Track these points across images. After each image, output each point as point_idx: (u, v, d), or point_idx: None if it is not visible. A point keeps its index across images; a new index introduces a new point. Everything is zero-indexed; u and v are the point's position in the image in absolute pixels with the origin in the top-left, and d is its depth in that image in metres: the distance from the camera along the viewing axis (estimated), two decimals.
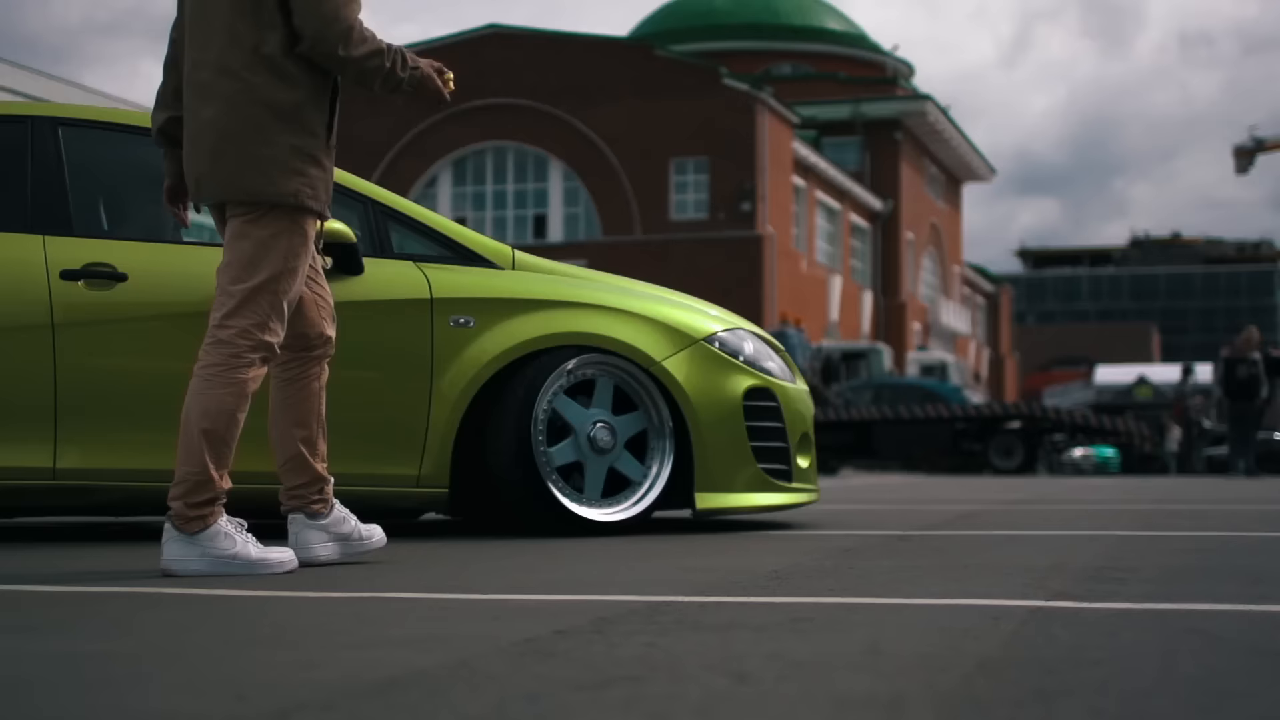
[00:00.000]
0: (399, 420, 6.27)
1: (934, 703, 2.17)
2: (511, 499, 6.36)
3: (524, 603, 3.70)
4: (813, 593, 3.84)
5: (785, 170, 51.71)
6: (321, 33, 4.55)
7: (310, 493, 4.87)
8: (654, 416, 6.53)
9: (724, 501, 6.60)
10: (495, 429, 6.31)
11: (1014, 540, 5.95)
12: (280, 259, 4.59)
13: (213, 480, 4.49)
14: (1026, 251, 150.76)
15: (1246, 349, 24.50)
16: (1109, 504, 9.99)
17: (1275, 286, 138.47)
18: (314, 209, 4.66)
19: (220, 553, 4.47)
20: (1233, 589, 3.85)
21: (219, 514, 4.52)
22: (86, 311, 5.86)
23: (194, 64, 4.68)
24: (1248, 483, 19.32)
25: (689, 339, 6.61)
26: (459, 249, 6.56)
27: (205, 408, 4.50)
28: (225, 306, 4.58)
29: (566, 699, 2.23)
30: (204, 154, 4.63)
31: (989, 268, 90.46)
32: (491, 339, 6.34)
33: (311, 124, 4.65)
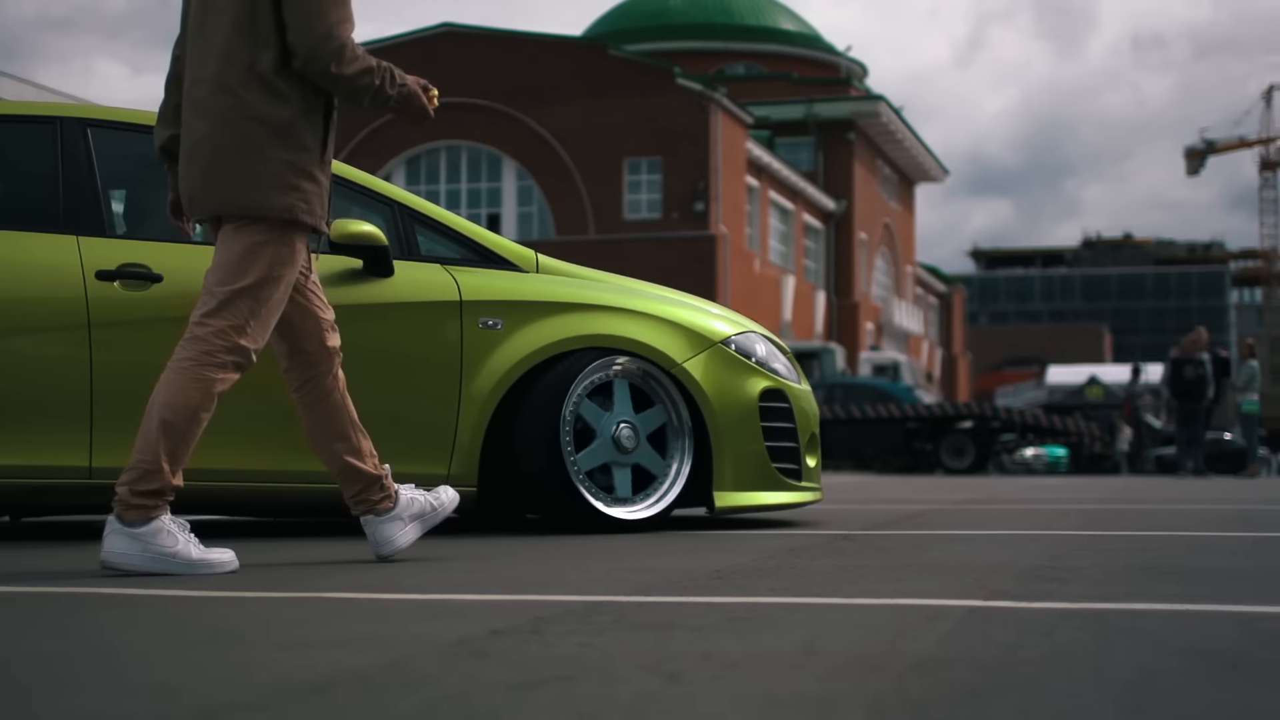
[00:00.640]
0: (429, 420, 6.41)
1: (865, 703, 2.17)
2: (539, 498, 6.54)
3: (464, 603, 3.69)
4: (753, 592, 3.83)
5: (739, 170, 51.75)
6: (315, 51, 4.62)
7: (372, 495, 4.94)
8: (674, 417, 6.72)
9: (741, 500, 6.78)
10: (524, 429, 6.45)
11: (958, 540, 5.96)
12: (265, 266, 4.64)
13: (163, 471, 4.47)
14: (979, 252, 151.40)
15: (1194, 349, 24.64)
16: (1055, 504, 10.02)
17: (1226, 287, 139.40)
18: (307, 223, 4.71)
19: (161, 549, 4.45)
20: (1171, 589, 3.86)
21: (163, 509, 4.50)
22: (122, 311, 5.94)
23: (192, 81, 4.75)
24: (1196, 482, 19.42)
25: (707, 342, 6.83)
26: (484, 252, 6.72)
27: (169, 399, 4.52)
28: (206, 306, 4.62)
29: (497, 699, 2.22)
30: (198, 170, 4.69)
31: (942, 268, 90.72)
32: (519, 341, 6.51)
33: (305, 139, 4.70)
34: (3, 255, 5.98)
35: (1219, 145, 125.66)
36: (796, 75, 66.20)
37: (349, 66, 4.65)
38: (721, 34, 68.74)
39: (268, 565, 4.84)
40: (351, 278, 6.30)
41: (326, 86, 4.72)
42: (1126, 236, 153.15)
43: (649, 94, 49.49)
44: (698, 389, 6.69)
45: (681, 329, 6.80)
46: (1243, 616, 3.24)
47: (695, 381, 6.69)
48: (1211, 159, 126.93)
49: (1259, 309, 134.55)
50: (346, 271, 6.29)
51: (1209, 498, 11.77)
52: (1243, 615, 3.27)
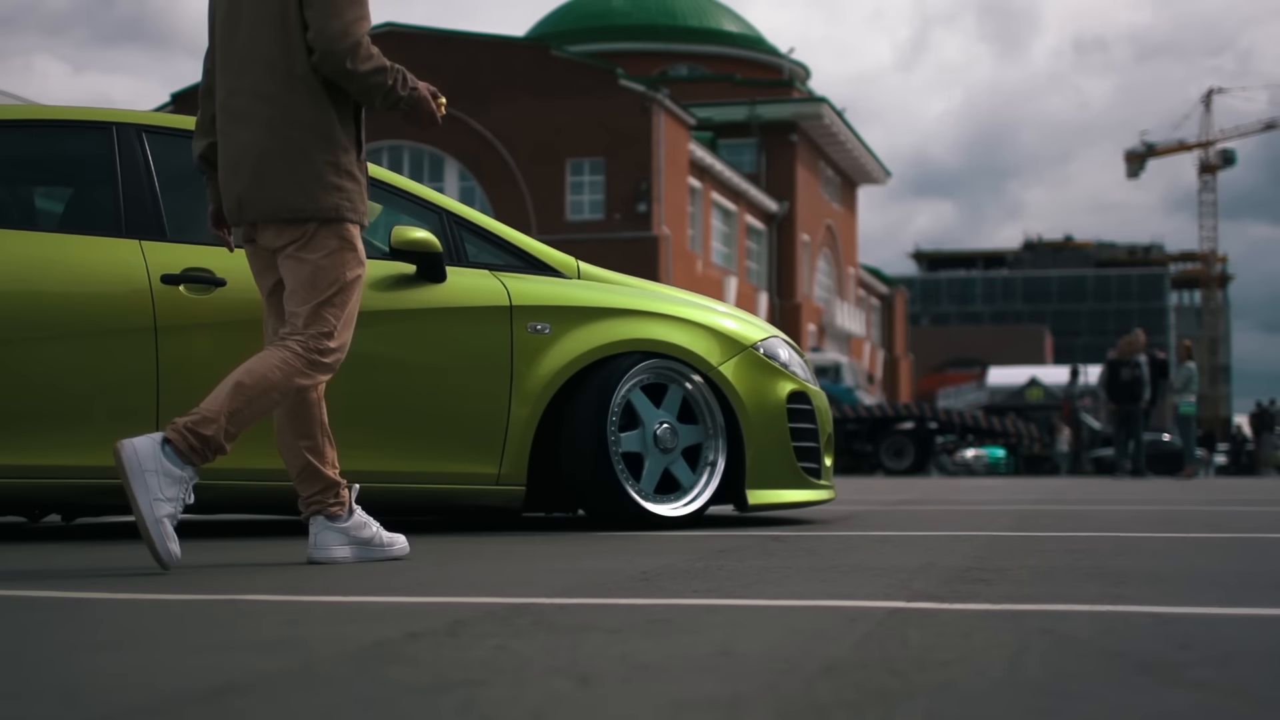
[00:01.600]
0: (481, 422, 6.64)
1: (773, 706, 2.16)
2: (585, 495, 6.82)
3: (384, 605, 3.67)
4: (676, 594, 3.82)
5: (681, 171, 51.79)
6: (331, 47, 4.74)
7: (326, 498, 4.95)
8: (708, 420, 7.00)
9: (770, 498, 7.12)
10: (571, 431, 6.72)
11: (888, 541, 5.96)
12: (340, 273, 4.82)
13: (219, 422, 4.56)
14: (921, 254, 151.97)
15: (1131, 351, 24.79)
16: (990, 505, 10.05)
17: (1165, 290, 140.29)
18: (353, 219, 4.86)
19: (156, 486, 4.44)
20: (1094, 590, 3.87)
21: (196, 462, 4.53)
22: (187, 315, 6.07)
23: (229, 91, 4.89)
24: (1133, 483, 19.53)
25: (740, 346, 7.15)
26: (529, 259, 6.97)
27: (250, 366, 4.68)
28: (291, 324, 4.81)
29: (403, 703, 2.20)
30: (244, 176, 4.83)
31: (884, 270, 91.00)
32: (566, 345, 6.77)
33: (343, 140, 4.86)
34: (70, 259, 6.13)
35: (1159, 148, 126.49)
36: (739, 77, 66.28)
37: (364, 64, 4.77)
38: (664, 35, 68.78)
39: (194, 567, 4.80)
40: (405, 283, 6.51)
41: (342, 83, 4.83)
42: (1067, 239, 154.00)
43: (592, 95, 49.49)
44: (732, 391, 7.00)
45: (716, 334, 7.12)
46: (1159, 618, 3.25)
47: (730, 384, 7.00)
48: (1151, 162, 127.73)
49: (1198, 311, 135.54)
50: (400, 277, 6.50)
51: (1143, 499, 11.83)
52: (1159, 616, 3.27)
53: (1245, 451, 45.19)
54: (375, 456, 6.44)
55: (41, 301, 6.04)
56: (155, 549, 4.45)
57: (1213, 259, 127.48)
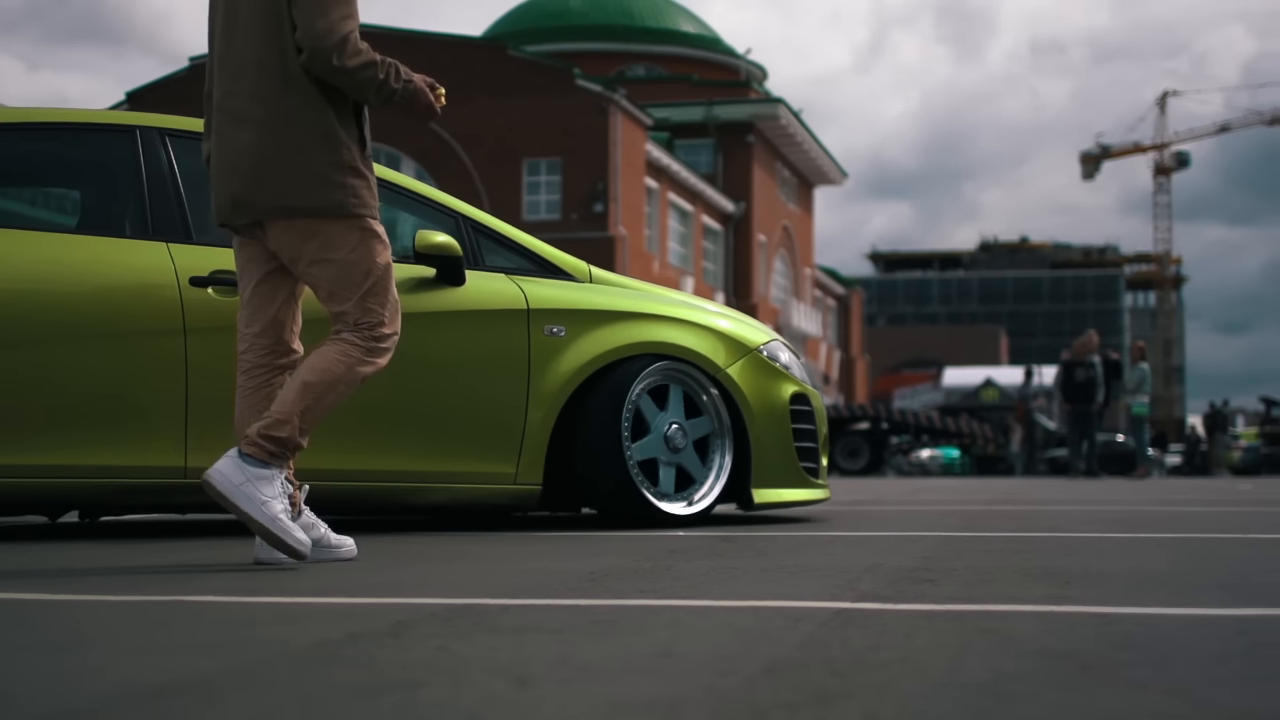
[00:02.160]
0: (499, 422, 6.79)
1: (710, 707, 2.15)
2: (599, 494, 6.99)
3: (327, 605, 3.65)
4: (622, 595, 3.81)
5: (638, 172, 51.80)
6: (317, 45, 4.77)
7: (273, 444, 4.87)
8: (715, 419, 7.21)
9: (775, 496, 7.36)
10: (586, 431, 6.88)
11: (837, 541, 5.96)
12: (370, 263, 4.89)
13: (292, 423, 4.71)
14: (878, 255, 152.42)
15: (1085, 352, 24.91)
16: (942, 505, 10.08)
17: (1120, 291, 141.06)
18: (362, 213, 4.89)
19: (258, 494, 4.65)
20: (1039, 590, 3.87)
21: (280, 464, 4.72)
22: (216, 317, 6.13)
23: (226, 92, 4.94)
24: (1086, 483, 19.61)
25: (745, 349, 7.38)
26: (543, 263, 7.14)
27: (314, 364, 4.79)
28: (345, 321, 4.88)
29: (338, 705, 2.19)
30: (243, 176, 4.87)
31: (840, 270, 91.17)
32: (581, 347, 6.94)
33: (344, 138, 4.89)
34: (100, 261, 6.19)
35: (1114, 150, 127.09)
36: (696, 77, 66.31)
37: (351, 60, 4.79)
38: (621, 35, 68.78)
39: (139, 568, 4.78)
40: (425, 286, 6.65)
41: (331, 80, 4.85)
42: (1023, 240, 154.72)
43: (548, 95, 49.47)
44: (739, 393, 7.22)
45: (723, 336, 7.33)
46: (1103, 618, 3.25)
47: (737, 386, 7.22)
48: (1107, 164, 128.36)
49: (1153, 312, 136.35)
50: (420, 280, 6.64)
51: (1095, 499, 11.88)
52: (1103, 616, 3.28)
53: (1199, 452, 45.41)
54: (396, 456, 6.61)
55: (72, 303, 6.10)
56: (287, 546, 4.66)
57: (1167, 260, 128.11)
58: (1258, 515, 8.76)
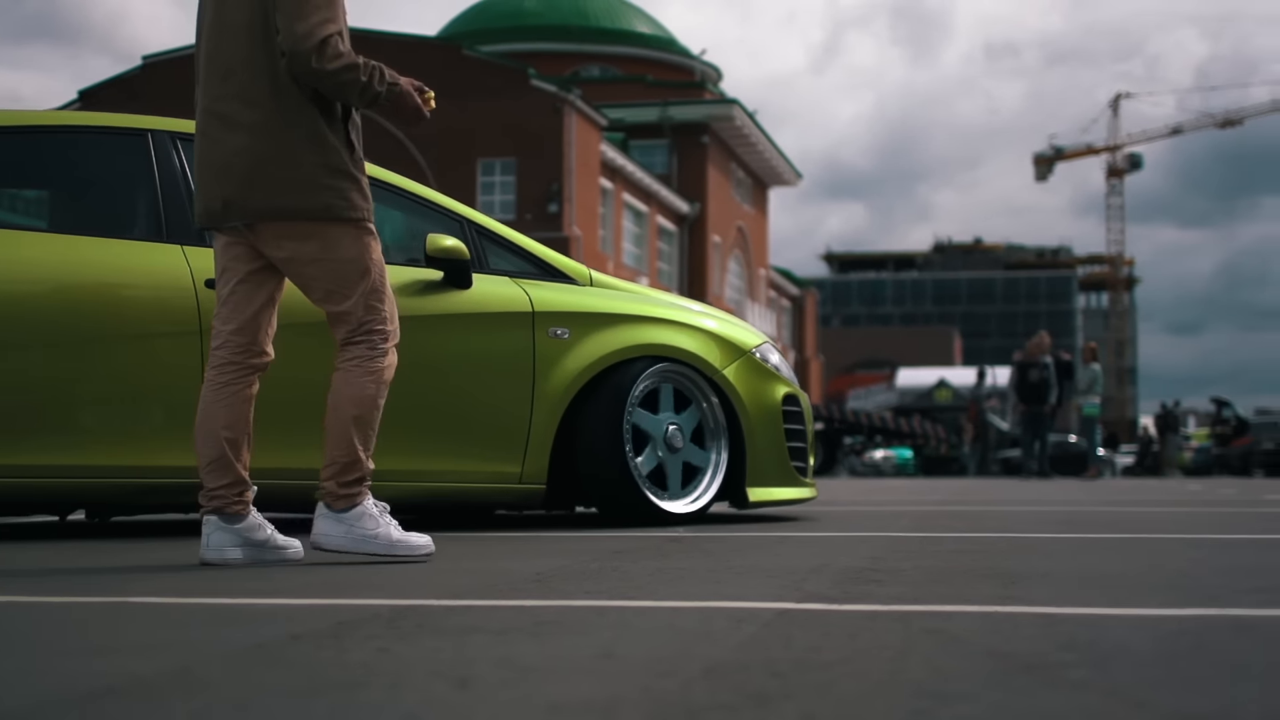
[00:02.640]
0: (505, 422, 6.95)
1: (647, 708, 2.14)
2: (603, 494, 7.17)
3: (270, 606, 3.63)
4: (568, 596, 3.80)
5: (592, 172, 51.78)
6: (297, 48, 4.79)
7: (231, 494, 4.90)
8: (709, 418, 7.43)
9: (768, 495, 7.57)
10: (589, 431, 7.05)
11: (785, 542, 5.96)
12: (368, 268, 4.95)
13: (360, 461, 4.87)
14: (832, 255, 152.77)
15: (1038, 353, 25.00)
16: (893, 505, 10.09)
17: (1073, 292, 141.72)
18: (352, 216, 4.93)
19: (364, 531, 4.86)
20: (985, 590, 3.88)
21: (366, 494, 4.90)
22: None
23: (214, 96, 4.95)
24: (1037, 484, 19.67)
25: (740, 351, 7.58)
26: (545, 267, 7.31)
27: (352, 397, 4.88)
28: (346, 325, 4.94)
29: (275, 707, 2.17)
30: (235, 180, 4.88)
31: (795, 271, 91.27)
32: (584, 349, 7.10)
33: (333, 141, 4.93)
34: (117, 263, 6.25)
35: (1067, 152, 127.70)
36: (651, 78, 66.29)
37: (331, 63, 4.80)
38: (577, 36, 68.72)
39: (83, 570, 4.75)
40: (433, 289, 6.80)
41: (313, 84, 4.86)
42: (977, 241, 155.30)
43: (503, 95, 49.38)
44: (735, 394, 7.42)
45: (719, 339, 7.53)
46: (1048, 618, 3.26)
47: (733, 387, 7.42)
48: (1060, 165, 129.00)
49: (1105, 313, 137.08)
50: (427, 283, 6.79)
51: (1045, 500, 11.92)
52: (1048, 617, 3.28)
53: (1150, 452, 45.63)
54: (405, 456, 6.68)
55: (89, 305, 6.16)
56: (417, 555, 4.92)
57: (1120, 262, 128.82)
58: (1205, 516, 8.80)
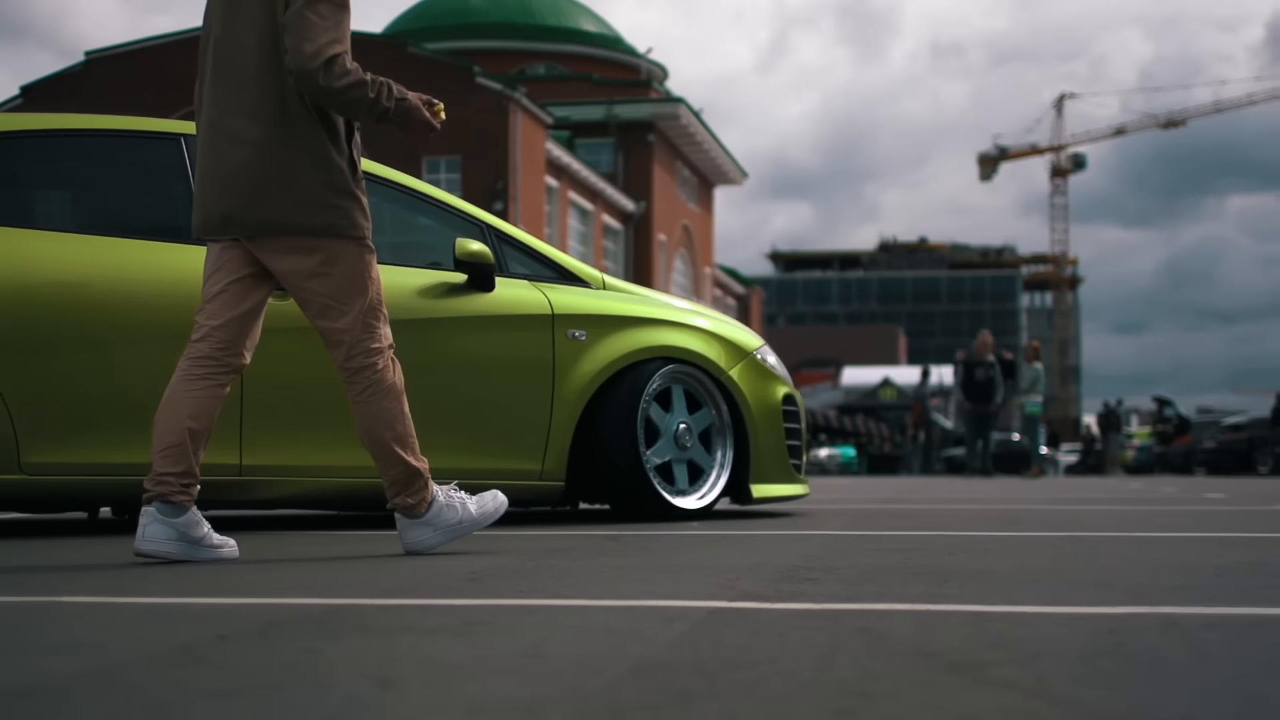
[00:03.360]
0: (526, 421, 7.23)
1: (571, 708, 2.13)
2: (617, 490, 7.46)
3: (200, 606, 3.60)
4: (501, 594, 3.79)
5: (538, 170, 51.72)
6: (304, 67, 4.86)
7: (179, 483, 4.88)
8: (715, 417, 7.75)
9: (770, 491, 7.94)
10: (605, 429, 7.34)
11: (723, 540, 5.96)
12: (366, 286, 5.06)
13: (416, 470, 5.09)
14: (778, 254, 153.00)
15: (984, 352, 25.11)
16: (833, 504, 10.11)
17: (1017, 291, 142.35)
18: (352, 235, 5.03)
19: (448, 523, 5.16)
20: (918, 589, 3.88)
21: (432, 489, 5.15)
22: (271, 319, 6.09)
23: (221, 111, 5.04)
24: (980, 482, 19.76)
25: (744, 352, 7.95)
26: (561, 271, 7.60)
27: (382, 420, 5.05)
28: (343, 346, 5.04)
29: (193, 708, 2.15)
30: (237, 195, 4.97)
31: (741, 270, 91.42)
32: (601, 351, 7.40)
33: (337, 161, 5.02)
34: (159, 264, 6.39)
35: (1011, 152, 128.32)
36: (597, 76, 66.29)
37: (338, 81, 4.87)
38: (522, 34, 68.65)
39: (13, 569, 4.72)
40: (458, 291, 7.08)
41: (320, 102, 4.95)
42: (922, 240, 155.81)
43: (449, 93, 48.71)
44: (740, 394, 7.76)
45: (725, 341, 7.90)
46: (977, 616, 3.26)
47: (738, 387, 7.77)
48: (1004, 165, 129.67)
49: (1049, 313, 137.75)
50: (452, 285, 7.08)
51: (986, 498, 11.97)
52: (978, 615, 3.29)
53: (1093, 451, 45.88)
54: (432, 454, 6.63)
55: (132, 305, 6.32)
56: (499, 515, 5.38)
57: (1063, 261, 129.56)
58: (1143, 514, 8.85)
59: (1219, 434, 39.33)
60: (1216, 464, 37.89)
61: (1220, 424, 41.16)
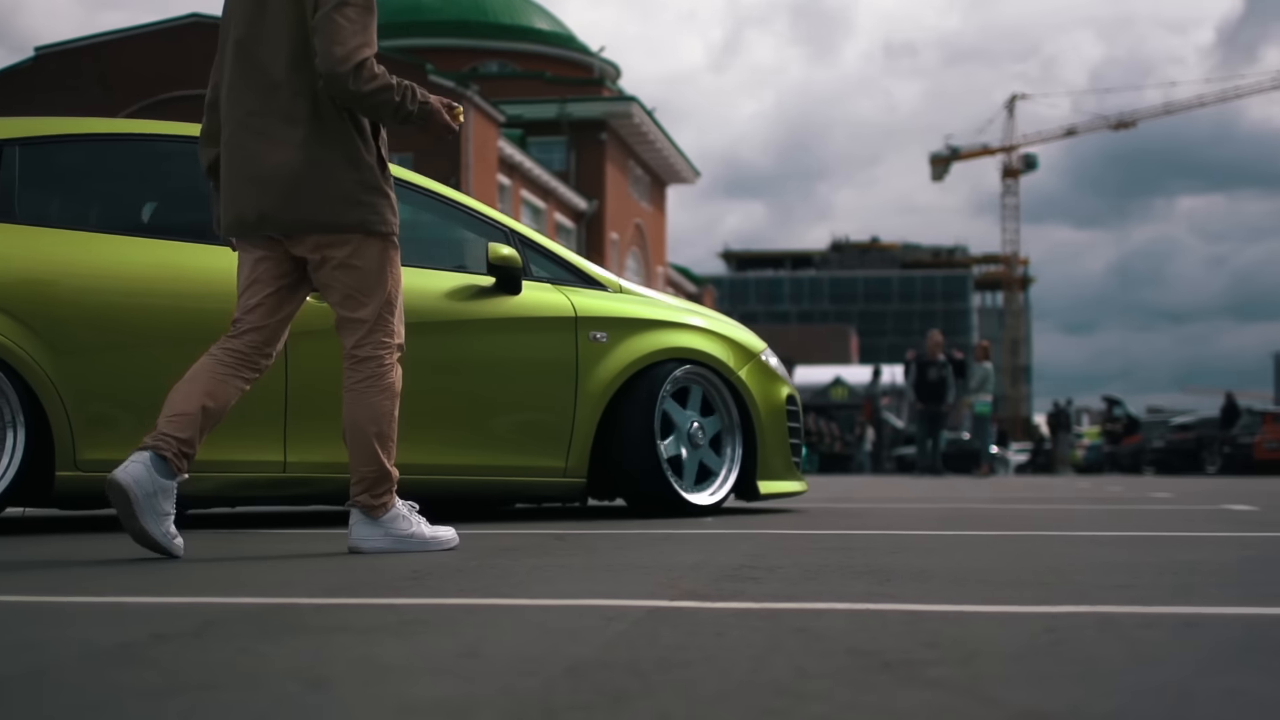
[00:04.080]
0: (552, 420, 7.52)
1: (503, 708, 2.13)
2: (635, 488, 7.76)
3: (142, 605, 3.59)
4: (441, 594, 3.78)
5: (490, 168, 51.63)
6: (334, 71, 4.99)
7: (179, 447, 4.94)
8: (726, 418, 8.08)
9: (775, 488, 8.26)
10: (624, 427, 7.63)
11: (668, 539, 5.96)
12: (387, 280, 5.20)
13: (388, 472, 5.17)
14: (730, 253, 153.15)
15: (935, 351, 25.20)
16: (781, 502, 10.10)
17: (969, 291, 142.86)
18: (383, 231, 5.18)
19: (400, 532, 5.20)
20: (858, 588, 3.89)
21: (395, 499, 5.22)
22: (314, 321, 6.29)
23: (250, 111, 5.15)
24: (929, 481, 19.82)
25: (751, 354, 8.28)
26: (580, 274, 7.90)
27: (371, 415, 5.13)
28: (357, 332, 5.17)
29: (123, 709, 2.14)
30: (274, 194, 5.09)
31: (693, 269, 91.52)
32: (620, 352, 7.70)
33: (367, 159, 5.17)
34: (207, 265, 6.52)
35: (963, 152, 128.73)
36: (550, 75, 66.25)
37: (367, 84, 5.01)
38: (475, 32, 68.56)
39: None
40: (486, 294, 7.35)
41: (348, 104, 5.09)
42: (874, 240, 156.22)
43: None
44: (749, 393, 8.08)
45: (733, 343, 8.23)
46: (915, 615, 3.27)
47: (747, 387, 8.09)
48: (956, 166, 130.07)
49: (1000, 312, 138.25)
50: (481, 288, 7.35)
51: (934, 496, 12.01)
52: (915, 614, 3.30)
53: (1043, 450, 46.08)
54: (460, 452, 7.24)
55: (186, 306, 6.50)
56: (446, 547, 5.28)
57: (1015, 261, 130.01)
58: (1088, 513, 8.89)
59: (1168, 433, 39.59)
60: (1165, 463, 38.13)
61: (1169, 424, 41.44)
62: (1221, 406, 37.39)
